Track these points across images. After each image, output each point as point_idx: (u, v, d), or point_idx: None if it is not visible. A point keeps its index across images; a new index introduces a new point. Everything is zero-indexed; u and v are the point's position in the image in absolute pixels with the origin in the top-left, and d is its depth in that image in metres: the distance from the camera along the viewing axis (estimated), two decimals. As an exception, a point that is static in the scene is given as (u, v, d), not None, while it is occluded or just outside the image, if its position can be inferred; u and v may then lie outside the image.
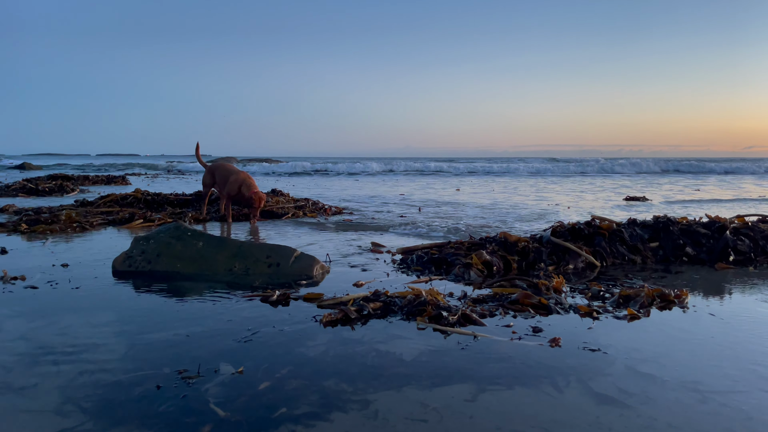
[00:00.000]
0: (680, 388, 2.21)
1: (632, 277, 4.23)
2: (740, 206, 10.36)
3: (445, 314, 3.01)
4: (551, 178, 20.78)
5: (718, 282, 4.14)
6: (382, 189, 15.99)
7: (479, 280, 4.07)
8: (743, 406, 2.04)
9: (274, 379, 2.30)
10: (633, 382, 2.28)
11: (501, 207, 10.16)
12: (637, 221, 5.18)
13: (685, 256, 4.80)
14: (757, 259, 4.71)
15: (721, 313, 3.30)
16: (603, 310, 3.30)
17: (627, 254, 4.79)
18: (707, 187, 16.81)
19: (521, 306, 3.29)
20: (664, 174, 28.28)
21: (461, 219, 8.02)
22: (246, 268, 4.16)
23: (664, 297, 3.46)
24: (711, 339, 2.83)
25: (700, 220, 5.18)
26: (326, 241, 5.98)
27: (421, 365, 2.44)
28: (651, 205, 10.92)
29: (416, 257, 4.62)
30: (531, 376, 2.33)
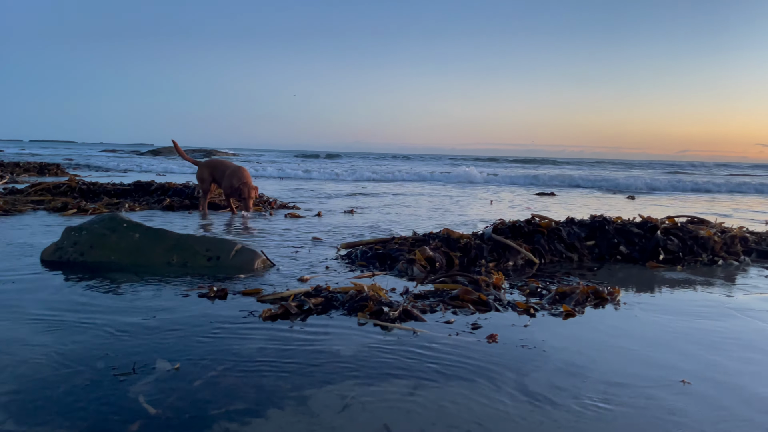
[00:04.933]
0: (609, 384, 2.29)
1: (569, 275, 4.35)
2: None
3: (387, 310, 3.02)
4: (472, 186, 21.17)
5: (648, 280, 4.32)
6: (328, 186, 15.91)
7: (422, 276, 4.10)
8: (667, 402, 2.13)
9: (210, 375, 2.24)
10: (565, 378, 2.34)
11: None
12: (575, 220, 5.33)
13: (619, 255, 4.98)
14: (685, 259, 4.93)
15: (650, 310, 3.44)
16: (540, 307, 3.39)
17: (565, 252, 4.93)
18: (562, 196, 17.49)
19: (461, 302, 3.33)
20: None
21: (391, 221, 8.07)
22: (184, 261, 4.06)
23: (598, 294, 3.58)
24: (640, 336, 2.95)
25: (634, 220, 5.39)
26: (270, 235, 5.89)
27: (360, 361, 2.44)
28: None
29: (360, 252, 4.62)
30: (468, 373, 2.36)
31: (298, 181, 16.43)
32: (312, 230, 6.24)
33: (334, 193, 12.08)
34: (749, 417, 2.02)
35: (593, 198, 13.33)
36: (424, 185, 15.69)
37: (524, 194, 13.85)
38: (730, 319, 3.27)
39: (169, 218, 7.09)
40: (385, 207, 9.30)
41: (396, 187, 14.85)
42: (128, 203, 7.89)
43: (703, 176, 27.66)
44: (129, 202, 7.99)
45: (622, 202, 12.32)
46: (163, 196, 8.45)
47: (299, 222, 6.97)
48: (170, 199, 8.14)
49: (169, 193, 8.68)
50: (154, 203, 8.09)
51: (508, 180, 18.07)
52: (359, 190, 13.26)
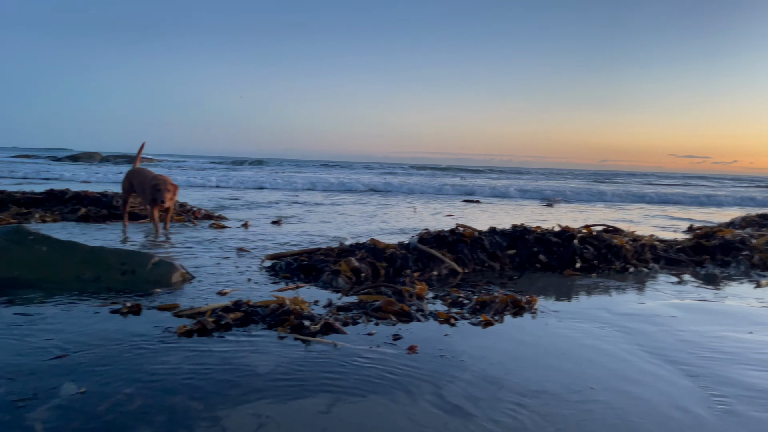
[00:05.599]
0: (524, 392, 2.35)
1: (491, 283, 4.45)
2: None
3: (308, 323, 2.99)
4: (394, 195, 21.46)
5: (565, 287, 4.48)
6: (257, 195, 15.65)
7: (347, 287, 4.09)
8: (579, 408, 2.21)
9: (118, 398, 2.14)
10: (481, 388, 2.39)
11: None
12: (497, 229, 5.48)
13: (538, 263, 5.15)
14: (599, 266, 5.16)
15: (565, 318, 3.56)
16: (461, 316, 3.45)
17: (487, 261, 5.04)
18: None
19: (384, 313, 3.34)
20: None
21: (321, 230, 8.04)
22: (97, 275, 3.86)
23: (516, 303, 3.68)
24: (554, 344, 3.05)
25: (553, 230, 5.59)
26: (192, 246, 5.72)
27: (278, 377, 2.40)
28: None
29: (285, 264, 4.55)
30: (387, 385, 2.36)
31: (226, 189, 16.05)
32: (237, 241, 6.10)
33: (262, 202, 11.88)
34: (648, 428, 2.13)
35: (517, 206, 13.74)
36: (353, 195, 15.70)
37: (451, 202, 14.11)
38: (638, 325, 3.43)
39: (85, 230, 6.76)
40: (314, 216, 9.23)
41: (326, 196, 14.78)
42: (39, 213, 7.45)
43: (621, 185, 29.14)
44: (40, 212, 7.55)
45: (543, 210, 12.76)
46: (79, 206, 8.03)
47: (224, 232, 6.80)
48: (86, 209, 7.75)
49: (85, 203, 8.26)
50: (68, 213, 7.67)
51: (437, 187, 18.35)
52: (289, 199, 13.11)
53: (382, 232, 7.27)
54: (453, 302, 3.76)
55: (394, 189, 17.39)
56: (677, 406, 2.27)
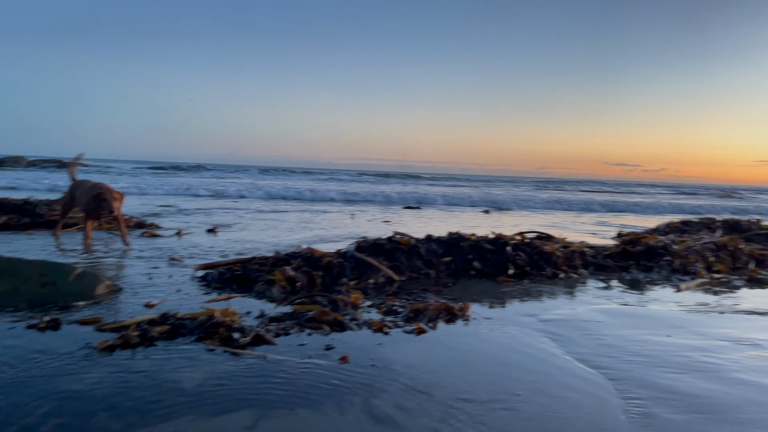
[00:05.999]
0: (453, 400, 2.38)
1: (426, 291, 4.49)
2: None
3: (238, 336, 2.92)
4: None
5: (498, 294, 4.57)
6: (193, 202, 15.27)
7: (281, 297, 4.03)
8: (505, 415, 2.25)
9: (29, 420, 2.03)
10: (411, 397, 2.40)
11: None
12: (433, 237, 5.54)
13: (473, 270, 5.24)
14: (531, 273, 5.30)
15: (496, 324, 3.63)
16: (394, 324, 3.46)
17: (423, 268, 5.09)
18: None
19: (318, 323, 3.31)
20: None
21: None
22: (15, 288, 3.66)
23: (449, 310, 3.73)
24: (485, 350, 3.10)
25: (487, 237, 5.70)
26: (121, 256, 5.51)
27: (204, 393, 2.33)
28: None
29: (218, 274, 4.45)
30: (316, 397, 2.34)
31: (161, 196, 15.58)
32: (169, 250, 5.92)
33: (198, 209, 11.59)
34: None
35: (456, 213, 13.96)
36: (293, 202, 15.56)
37: (391, 209, 14.19)
38: (565, 331, 3.53)
39: (6, 239, 6.40)
40: (252, 224, 9.08)
41: (266, 203, 14.57)
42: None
43: (557, 193, 30.09)
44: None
45: (481, 217, 13.01)
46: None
47: (156, 241, 6.59)
48: (7, 217, 7.35)
49: (7, 210, 7.83)
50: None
51: (378, 194, 18.41)
52: (227, 205, 12.85)
53: (320, 239, 7.22)
54: (388, 311, 3.77)
55: (334, 195, 17.32)
56: (597, 409, 2.34)
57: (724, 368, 2.87)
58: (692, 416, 2.29)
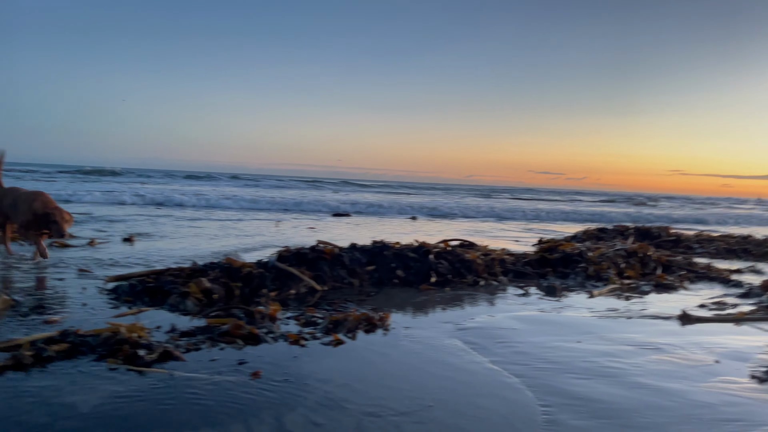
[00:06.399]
0: (366, 413, 2.35)
1: (348, 301, 4.46)
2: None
3: (143, 353, 2.79)
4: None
5: (420, 303, 4.60)
6: (109, 209, 14.62)
7: (196, 310, 3.89)
8: (418, 426, 2.24)
9: None
10: (324, 412, 2.35)
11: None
12: (357, 246, 5.52)
13: (396, 278, 5.25)
14: (453, 280, 5.37)
15: (416, 334, 3.65)
16: (312, 336, 3.40)
17: (347, 277, 5.06)
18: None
19: (231, 337, 3.21)
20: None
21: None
22: None
23: (369, 320, 3.71)
24: (402, 361, 3.10)
25: (411, 245, 5.74)
26: (25, 268, 5.17)
27: (101, 416, 2.20)
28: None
29: (129, 286, 4.25)
30: (223, 417, 2.26)
31: (75, 204, 14.82)
32: (79, 261, 5.61)
33: (116, 216, 11.09)
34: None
35: (385, 220, 14.03)
36: (217, 210, 15.17)
37: (319, 216, 14.10)
38: (482, 339, 3.59)
39: None
40: (172, 233, 8.77)
41: (188, 210, 14.12)
42: None
43: (485, 200, 30.84)
44: None
45: (408, 224, 13.13)
46: None
47: (66, 251, 6.23)
48: None
49: None
50: None
51: (307, 201, 18.24)
52: (146, 213, 12.36)
53: (243, 248, 7.06)
54: (307, 322, 3.71)
55: (261, 202, 17.01)
56: (506, 419, 2.38)
57: (627, 373, 2.99)
58: (594, 422, 2.37)
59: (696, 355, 3.36)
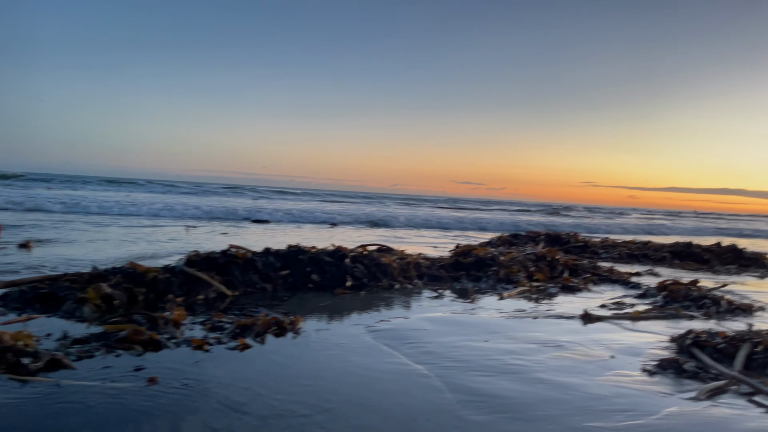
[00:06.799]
0: (267, 416, 2.30)
1: (259, 305, 4.36)
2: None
3: (28, 361, 2.60)
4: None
5: (334, 306, 4.56)
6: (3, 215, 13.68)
7: (95, 317, 3.68)
8: (318, 428, 2.21)
9: None
10: (223, 417, 2.28)
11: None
12: (271, 250, 5.42)
13: (311, 283, 5.19)
14: (369, 284, 5.38)
15: (325, 337, 3.61)
16: (218, 341, 3.30)
17: (259, 282, 4.95)
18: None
19: (130, 344, 3.05)
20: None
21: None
22: None
23: (279, 324, 3.64)
24: (311, 363, 3.05)
25: (327, 249, 5.70)
26: None
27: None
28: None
29: (19, 292, 3.96)
30: (113, 424, 2.13)
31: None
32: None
33: (17, 221, 10.37)
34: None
35: (305, 227, 13.90)
36: (129, 217, 14.51)
37: (237, 223, 13.78)
38: (392, 340, 3.60)
39: None
40: (77, 239, 8.29)
41: (93, 217, 13.41)
42: None
43: (406, 209, 31.22)
44: None
45: (327, 231, 13.08)
46: None
47: (-47, 257, 5.74)
48: None
49: None
50: None
51: (225, 208, 17.76)
52: (50, 219, 11.63)
53: (152, 254, 6.76)
54: (213, 327, 3.59)
55: (175, 209, 16.40)
56: (412, 416, 2.39)
57: (529, 369, 3.09)
58: (495, 416, 2.42)
59: (594, 352, 3.52)
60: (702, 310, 4.99)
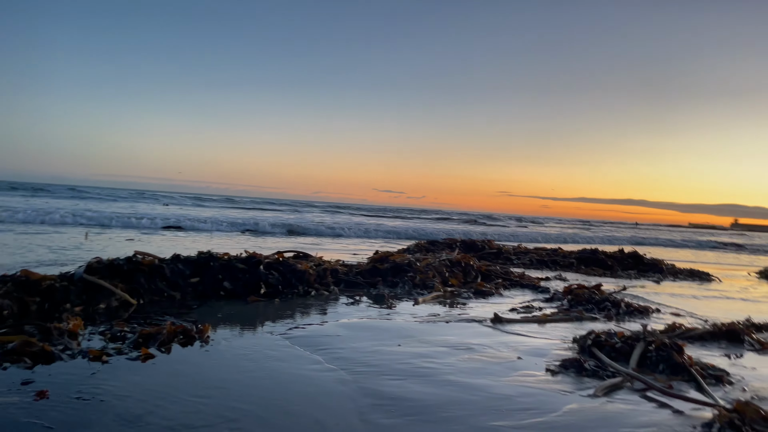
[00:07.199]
0: (165, 429, 2.19)
1: (166, 314, 4.18)
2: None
3: None
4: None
5: (246, 314, 4.44)
6: None
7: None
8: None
9: None
10: (118, 430, 2.15)
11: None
12: (181, 257, 5.22)
13: (223, 291, 5.04)
14: (284, 291, 5.28)
15: (236, 345, 3.50)
16: (119, 352, 3.13)
17: (167, 290, 4.75)
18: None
19: (18, 356, 2.84)
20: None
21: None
22: None
23: (186, 333, 3.50)
24: (217, 372, 2.95)
25: (240, 256, 5.55)
26: None
27: None
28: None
29: None
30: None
31: None
32: None
33: None
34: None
35: (222, 234, 13.54)
36: (25, 225, 13.59)
37: (147, 230, 13.22)
38: (304, 346, 3.54)
39: None
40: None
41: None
42: None
43: (327, 216, 31.09)
44: None
45: (243, 238, 12.80)
46: None
47: None
48: None
49: None
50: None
51: (134, 214, 16.98)
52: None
53: (51, 262, 6.35)
54: (114, 337, 3.41)
55: (81, 215, 15.50)
56: (320, 421, 2.35)
57: (439, 372, 3.13)
58: (403, 419, 2.43)
59: (502, 353, 3.62)
60: (603, 312, 5.26)
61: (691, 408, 2.76)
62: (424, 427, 2.35)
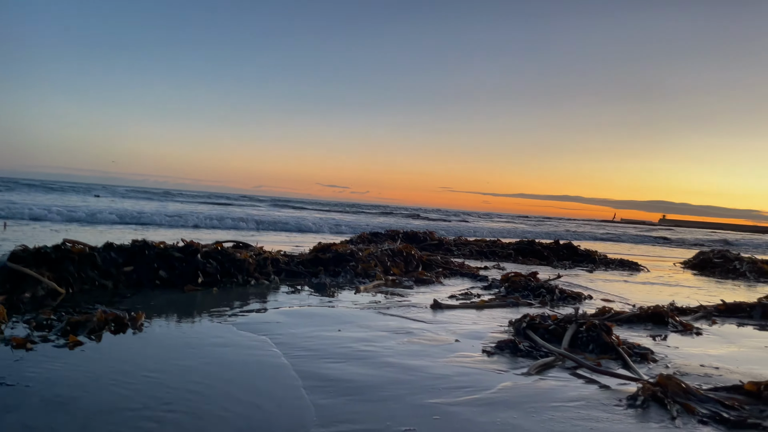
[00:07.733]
0: (93, 413, 2.12)
1: (99, 303, 4.02)
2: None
3: None
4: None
5: (182, 303, 4.34)
6: None
7: None
8: (149, 427, 2.08)
9: None
10: (44, 415, 2.07)
11: None
12: (114, 245, 5.04)
13: (158, 279, 4.90)
14: (222, 280, 5.18)
15: (170, 332, 3.42)
16: (45, 339, 2.99)
17: (98, 279, 4.58)
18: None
19: (-68, 345, 2.67)
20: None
21: None
22: None
23: (118, 320, 3.39)
24: (148, 360, 2.87)
25: (177, 245, 5.41)
26: None
27: None
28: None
29: None
30: None
31: None
32: None
33: None
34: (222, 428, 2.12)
35: (160, 229, 13.15)
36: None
37: (78, 224, 12.70)
38: (241, 333, 3.49)
39: None
40: None
41: None
42: None
43: (269, 210, 30.68)
44: None
45: (182, 231, 12.48)
46: None
47: None
48: None
49: None
50: None
51: (67, 206, 16.25)
52: None
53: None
54: (39, 325, 3.26)
55: (10, 208, 14.71)
56: (259, 405, 2.33)
57: (379, 354, 3.15)
58: (342, 399, 2.43)
59: (441, 337, 3.68)
60: (539, 298, 5.43)
61: (618, 383, 2.89)
62: (362, 406, 2.36)
